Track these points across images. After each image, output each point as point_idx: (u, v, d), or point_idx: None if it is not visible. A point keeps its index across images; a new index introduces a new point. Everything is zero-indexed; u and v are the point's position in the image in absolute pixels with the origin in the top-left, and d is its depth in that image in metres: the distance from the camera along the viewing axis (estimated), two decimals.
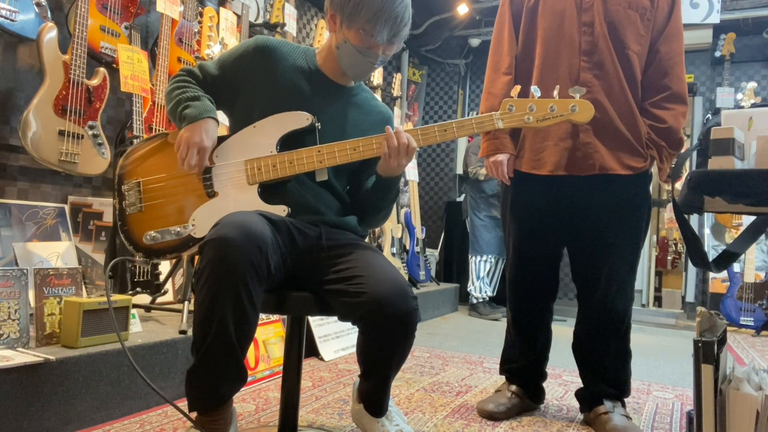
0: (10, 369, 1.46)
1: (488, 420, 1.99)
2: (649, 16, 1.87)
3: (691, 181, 1.11)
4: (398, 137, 1.43)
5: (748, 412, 1.12)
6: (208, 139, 1.45)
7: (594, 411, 1.95)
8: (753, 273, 4.35)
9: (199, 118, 1.45)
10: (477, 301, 4.63)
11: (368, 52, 1.47)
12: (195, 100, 1.48)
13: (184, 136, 1.44)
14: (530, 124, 1.45)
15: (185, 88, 1.50)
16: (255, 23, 3.39)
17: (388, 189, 1.54)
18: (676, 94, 1.88)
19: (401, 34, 1.47)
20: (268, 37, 1.57)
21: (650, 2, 1.87)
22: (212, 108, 1.50)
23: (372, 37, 1.44)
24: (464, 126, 1.46)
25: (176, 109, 1.48)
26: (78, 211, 2.51)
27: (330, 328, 2.87)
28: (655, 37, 1.89)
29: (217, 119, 1.50)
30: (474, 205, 4.68)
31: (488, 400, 2.06)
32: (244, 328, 1.27)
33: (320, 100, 1.53)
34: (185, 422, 1.35)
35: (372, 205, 1.59)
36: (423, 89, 5.95)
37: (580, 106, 1.44)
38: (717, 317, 1.29)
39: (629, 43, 1.86)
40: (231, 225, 1.27)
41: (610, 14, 1.85)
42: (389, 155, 1.44)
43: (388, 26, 1.43)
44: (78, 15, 2.24)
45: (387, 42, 1.46)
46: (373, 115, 1.63)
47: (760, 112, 1.17)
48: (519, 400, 2.07)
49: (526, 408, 2.10)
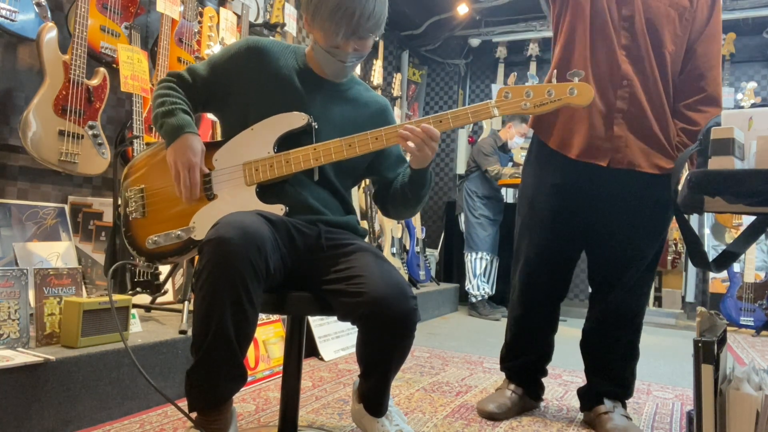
0: (10, 369, 1.46)
1: (488, 420, 1.99)
2: (687, 16, 1.83)
3: (691, 181, 1.11)
4: (416, 132, 1.41)
5: (748, 412, 1.12)
6: (194, 155, 1.45)
7: (594, 410, 1.95)
8: (753, 273, 4.35)
9: (176, 137, 1.45)
10: (476, 300, 4.63)
11: (335, 52, 1.45)
12: (169, 116, 1.47)
13: (171, 160, 1.45)
14: (528, 110, 1.43)
15: (163, 100, 1.50)
16: (255, 23, 3.38)
17: (423, 179, 1.54)
18: (711, 97, 1.84)
19: (365, 27, 1.41)
20: (258, 37, 1.57)
21: (689, 2, 1.83)
22: (188, 121, 1.48)
23: (334, 36, 1.41)
24: (459, 116, 1.45)
25: (155, 122, 1.50)
26: (78, 211, 2.51)
27: (330, 328, 2.87)
28: (694, 38, 1.85)
29: (195, 131, 1.49)
30: (470, 204, 4.68)
31: (488, 400, 2.06)
32: (243, 328, 1.27)
33: (312, 98, 1.53)
34: (185, 422, 1.35)
35: (411, 198, 1.58)
36: (423, 89, 5.95)
37: (579, 89, 1.41)
38: (717, 317, 1.29)
39: (666, 41, 1.82)
40: (229, 225, 1.27)
41: (650, 10, 1.82)
42: (417, 148, 1.43)
43: (345, 23, 1.39)
44: (78, 15, 2.24)
45: (349, 39, 1.42)
46: (368, 107, 1.62)
47: (760, 112, 1.16)
48: (519, 398, 2.06)
49: (527, 407, 2.09)
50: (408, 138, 1.42)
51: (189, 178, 1.44)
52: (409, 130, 1.42)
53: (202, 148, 1.48)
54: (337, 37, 1.41)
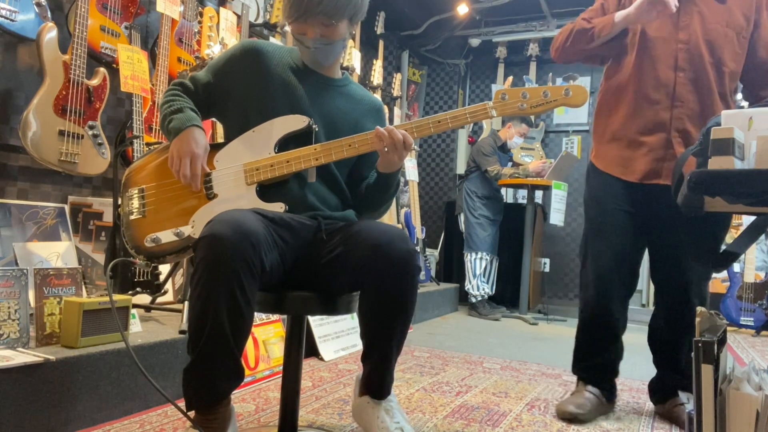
0: (10, 369, 1.46)
1: (569, 423, 1.98)
2: (744, 34, 1.92)
3: (691, 181, 1.11)
4: (392, 135, 1.43)
5: (748, 412, 1.12)
6: (197, 146, 1.47)
7: (670, 402, 2.01)
8: (753, 273, 4.35)
9: (183, 128, 1.47)
10: (476, 300, 4.63)
11: (302, 38, 1.48)
12: (178, 112, 1.51)
13: (174, 149, 1.48)
14: (525, 111, 1.46)
15: (171, 102, 1.53)
16: (255, 23, 3.38)
17: (389, 184, 1.57)
18: None
19: (316, 10, 1.41)
20: (254, 39, 1.60)
21: (745, 21, 1.92)
22: (195, 117, 1.51)
23: (288, 20, 1.46)
24: (458, 117, 1.47)
25: (163, 123, 1.53)
26: (78, 211, 2.51)
27: (330, 328, 2.87)
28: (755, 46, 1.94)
29: (202, 126, 1.51)
30: (470, 204, 4.69)
31: (567, 402, 2.05)
32: (239, 325, 1.27)
33: (311, 94, 1.55)
34: (185, 422, 1.35)
35: (375, 200, 1.62)
36: (423, 89, 5.95)
37: (573, 91, 1.44)
38: (717, 317, 1.29)
39: (726, 60, 1.91)
40: (223, 222, 1.27)
41: (708, 32, 1.90)
42: (388, 150, 1.45)
43: (295, 5, 1.42)
44: (78, 15, 2.24)
45: (303, 23, 1.44)
46: (363, 103, 1.65)
47: (760, 112, 1.16)
48: (597, 399, 2.05)
49: (603, 409, 2.08)
50: (383, 137, 1.44)
51: (189, 167, 1.45)
52: (388, 131, 1.44)
53: (207, 143, 1.50)
54: (290, 20, 1.45)
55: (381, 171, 1.53)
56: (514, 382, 2.56)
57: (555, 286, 5.40)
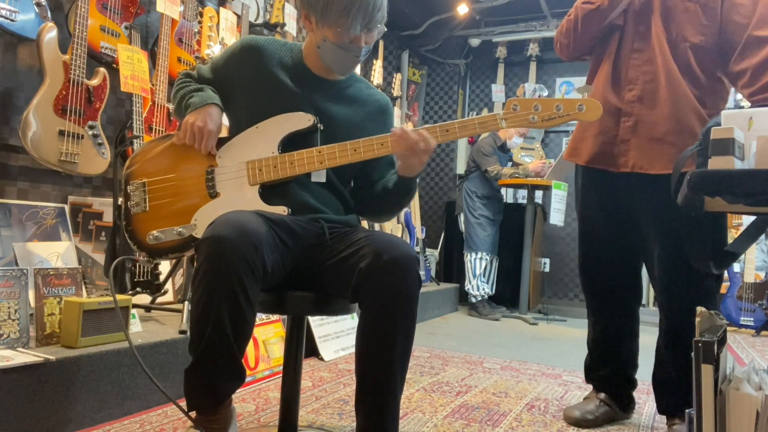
0: (10, 369, 1.46)
1: (575, 427, 1.97)
2: (711, 5, 1.78)
3: (691, 181, 1.11)
4: (408, 136, 1.41)
5: (748, 412, 1.12)
6: (212, 122, 1.47)
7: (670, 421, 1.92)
8: (753, 273, 4.35)
9: (202, 104, 1.48)
10: (476, 300, 4.63)
11: (350, 47, 1.45)
12: (198, 91, 1.52)
13: (188, 121, 1.47)
14: (535, 124, 1.43)
15: (187, 85, 1.55)
16: (255, 23, 3.38)
17: (409, 188, 1.55)
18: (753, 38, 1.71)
19: (376, 19, 1.42)
20: (255, 36, 1.58)
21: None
22: (215, 96, 1.52)
23: (349, 31, 1.41)
24: (467, 126, 1.45)
25: (181, 103, 1.52)
26: (78, 211, 2.51)
27: (330, 328, 2.87)
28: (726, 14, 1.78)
29: (221, 106, 1.52)
30: (470, 204, 4.69)
31: (574, 407, 2.03)
32: (240, 326, 1.27)
33: (308, 97, 1.53)
34: (185, 422, 1.35)
35: (391, 203, 1.60)
36: (423, 89, 5.95)
37: (587, 105, 1.41)
38: (717, 317, 1.29)
39: (688, 35, 1.80)
40: (226, 223, 1.27)
41: (666, 9, 1.82)
42: (409, 155, 1.43)
43: (361, 16, 1.39)
44: (78, 15, 2.24)
45: (364, 31, 1.43)
46: (368, 105, 1.61)
47: (760, 112, 1.16)
48: (608, 408, 2.02)
49: (617, 417, 2.04)
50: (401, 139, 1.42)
51: (202, 136, 1.46)
52: (400, 135, 1.42)
53: (221, 122, 1.51)
54: (353, 32, 1.41)
55: (401, 174, 1.51)
56: (514, 382, 2.56)
57: (555, 286, 5.40)
